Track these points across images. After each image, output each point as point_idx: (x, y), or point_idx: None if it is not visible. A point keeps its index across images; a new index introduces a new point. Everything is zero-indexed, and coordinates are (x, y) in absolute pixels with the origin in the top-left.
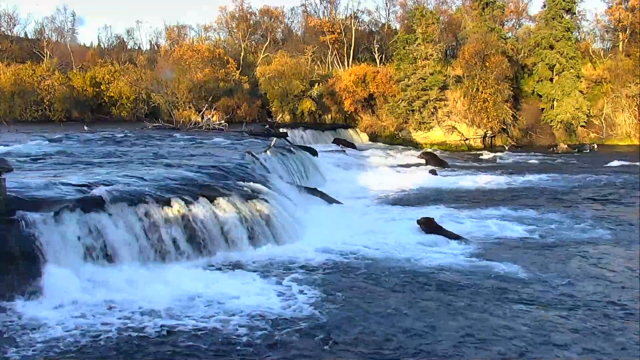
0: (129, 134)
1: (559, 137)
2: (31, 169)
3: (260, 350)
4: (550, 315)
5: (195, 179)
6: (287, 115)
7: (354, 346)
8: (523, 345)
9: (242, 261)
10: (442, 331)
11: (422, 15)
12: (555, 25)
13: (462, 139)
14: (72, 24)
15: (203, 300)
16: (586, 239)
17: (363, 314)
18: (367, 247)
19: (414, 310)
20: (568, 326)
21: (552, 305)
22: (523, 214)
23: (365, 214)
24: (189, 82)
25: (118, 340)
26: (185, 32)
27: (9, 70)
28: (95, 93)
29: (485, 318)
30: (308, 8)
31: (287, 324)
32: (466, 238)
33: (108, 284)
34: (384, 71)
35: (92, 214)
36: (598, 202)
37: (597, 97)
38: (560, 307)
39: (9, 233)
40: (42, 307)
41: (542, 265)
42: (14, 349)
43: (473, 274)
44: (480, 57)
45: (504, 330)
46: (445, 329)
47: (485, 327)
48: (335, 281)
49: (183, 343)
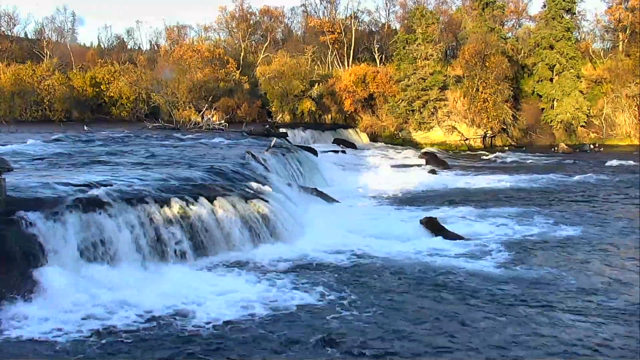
0: (129, 134)
1: (559, 137)
2: (31, 169)
3: (260, 350)
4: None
5: (195, 179)
6: (287, 115)
7: (355, 346)
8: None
9: (242, 261)
10: (442, 332)
11: (422, 15)
12: (555, 25)
13: (462, 139)
14: (72, 24)
15: (203, 300)
16: (587, 238)
17: (363, 313)
18: (368, 247)
19: (414, 310)
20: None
21: (547, 306)
22: (524, 214)
23: (366, 214)
24: (189, 82)
25: (118, 341)
26: (185, 32)
27: (9, 70)
28: (95, 93)
29: (502, 323)
30: (308, 8)
31: (287, 323)
32: (468, 238)
33: (108, 284)
34: (384, 71)
35: (92, 214)
36: (597, 201)
37: (597, 97)
38: (561, 306)
39: (9, 233)
40: (42, 307)
41: (563, 267)
42: (13, 349)
43: (474, 274)
44: (480, 57)
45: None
46: (445, 330)
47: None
48: (335, 281)
49: (183, 343)
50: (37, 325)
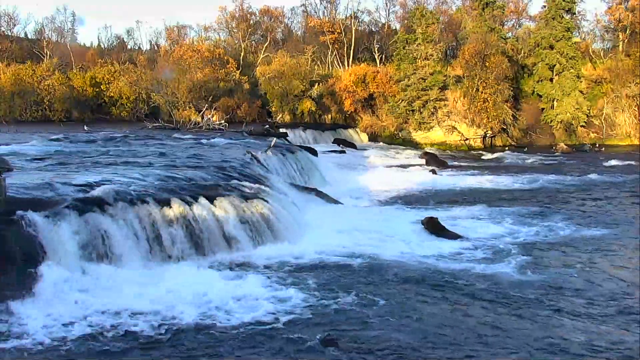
0: (129, 134)
1: (559, 137)
2: (31, 169)
3: (260, 350)
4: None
5: (196, 179)
6: (287, 115)
7: (355, 346)
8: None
9: (242, 261)
10: (443, 331)
11: (422, 15)
12: (555, 25)
13: (462, 139)
14: (72, 24)
15: (204, 300)
16: (588, 237)
17: (363, 313)
18: (369, 247)
19: (415, 310)
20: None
21: (548, 306)
22: (524, 214)
23: (366, 214)
24: (189, 82)
25: (118, 341)
26: (185, 32)
27: (9, 70)
28: (95, 93)
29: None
30: (308, 8)
31: (287, 323)
32: (468, 238)
33: (108, 284)
34: (384, 71)
35: (92, 214)
36: (596, 201)
37: (597, 97)
38: (559, 305)
39: (9, 233)
40: (42, 307)
41: (572, 268)
42: (12, 350)
43: (475, 274)
44: (480, 57)
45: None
46: (449, 330)
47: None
48: (335, 281)
49: (183, 343)
50: (38, 324)
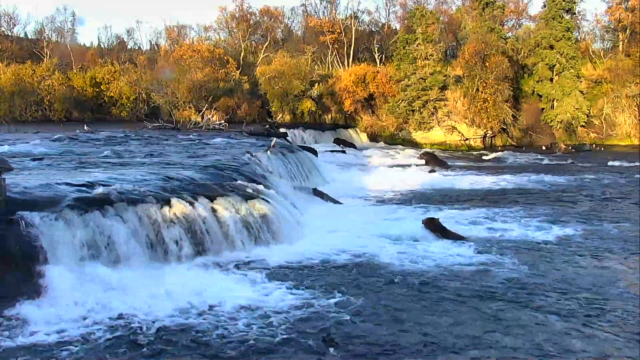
0: (129, 134)
1: (559, 137)
2: (31, 169)
3: (260, 350)
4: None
5: (196, 179)
6: (287, 115)
7: (355, 346)
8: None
9: (243, 261)
10: (443, 331)
11: (422, 15)
12: (555, 25)
13: (462, 139)
14: (72, 24)
15: (204, 300)
16: (591, 237)
17: (364, 314)
18: (369, 247)
19: (416, 310)
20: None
21: (547, 306)
22: (525, 214)
23: (366, 214)
24: (189, 82)
25: (119, 341)
26: (185, 32)
27: (9, 70)
28: (95, 93)
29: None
30: (308, 8)
31: (287, 323)
32: (469, 239)
33: (108, 284)
34: (384, 71)
35: (92, 214)
36: (596, 201)
37: (597, 97)
38: (559, 305)
39: (9, 233)
40: (43, 307)
41: (568, 266)
42: (12, 350)
43: (477, 275)
44: (480, 57)
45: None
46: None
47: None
48: (335, 281)
49: (184, 343)
50: (39, 325)
